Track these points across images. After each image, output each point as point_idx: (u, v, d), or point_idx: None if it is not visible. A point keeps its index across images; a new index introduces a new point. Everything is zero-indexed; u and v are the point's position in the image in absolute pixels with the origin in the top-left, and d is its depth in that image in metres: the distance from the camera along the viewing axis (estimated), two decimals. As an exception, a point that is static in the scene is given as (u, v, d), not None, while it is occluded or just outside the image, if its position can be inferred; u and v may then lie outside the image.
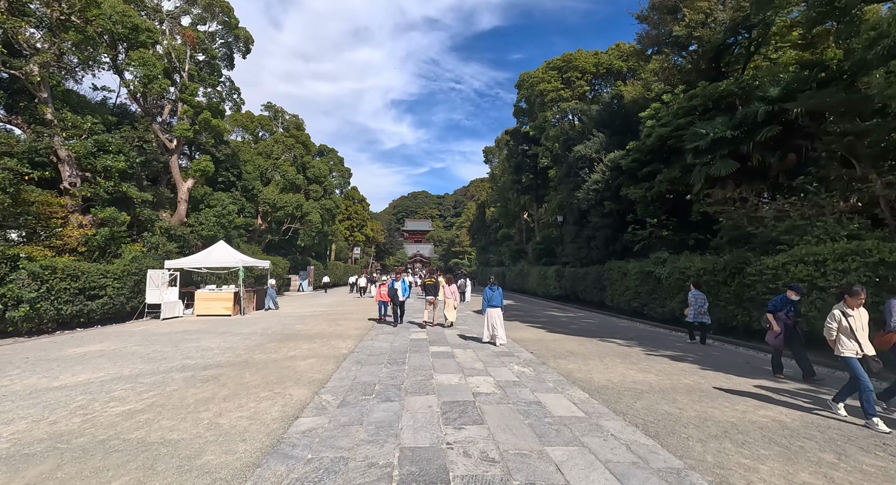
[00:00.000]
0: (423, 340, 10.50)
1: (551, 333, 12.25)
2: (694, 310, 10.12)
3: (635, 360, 8.33)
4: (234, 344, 10.06)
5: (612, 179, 19.31)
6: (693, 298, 10.21)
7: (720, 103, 15.14)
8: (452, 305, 13.03)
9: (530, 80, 29.39)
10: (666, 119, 16.14)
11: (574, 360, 8.28)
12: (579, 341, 10.59)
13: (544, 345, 10.04)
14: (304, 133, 35.91)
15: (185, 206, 19.87)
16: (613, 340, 10.83)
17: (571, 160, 23.39)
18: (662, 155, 16.95)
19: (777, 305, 7.07)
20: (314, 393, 5.92)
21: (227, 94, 24.01)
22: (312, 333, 11.93)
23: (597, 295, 20.09)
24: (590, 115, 24.63)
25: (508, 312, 18.35)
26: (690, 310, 10.18)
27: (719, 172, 13.39)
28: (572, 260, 24.07)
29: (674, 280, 13.66)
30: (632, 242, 17.67)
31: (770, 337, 7.06)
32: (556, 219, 28.35)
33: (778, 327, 6.95)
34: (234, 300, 17.31)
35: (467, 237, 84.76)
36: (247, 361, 8.15)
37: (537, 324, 14.37)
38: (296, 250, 40.89)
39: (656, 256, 14.94)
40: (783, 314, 6.99)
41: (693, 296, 10.25)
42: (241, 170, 26.93)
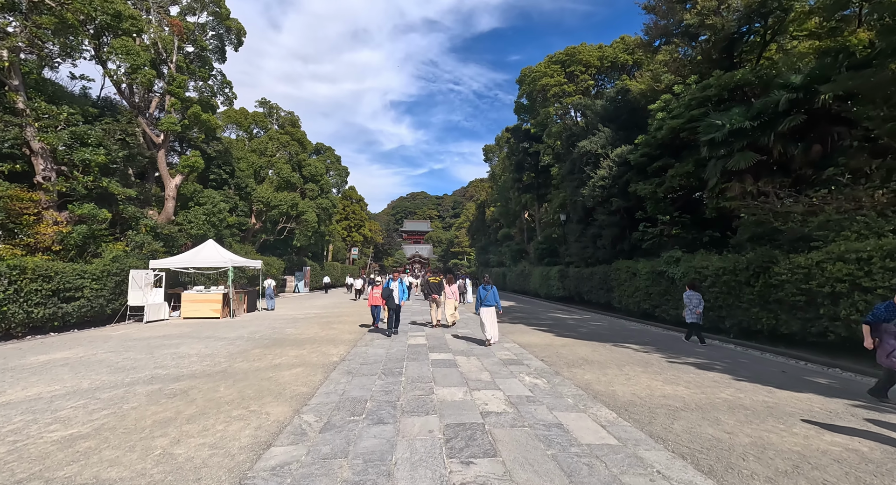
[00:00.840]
0: (423, 345, 9.64)
1: (560, 337, 11.40)
2: (690, 310, 10.27)
3: (658, 369, 7.48)
4: (216, 350, 9.19)
5: (619, 175, 18.49)
6: (688, 299, 10.36)
7: (736, 93, 14.34)
8: (453, 304, 13.02)
9: (532, 75, 28.58)
10: (678, 111, 15.33)
11: (590, 369, 7.43)
12: (592, 347, 9.74)
13: (554, 351, 9.19)
14: (300, 130, 35.00)
15: (173, 203, 18.99)
16: (628, 346, 9.98)
17: (576, 156, 22.58)
18: (674, 149, 16.15)
19: (881, 315, 5.65)
20: (295, 412, 5.06)
21: (218, 88, 23.14)
22: (303, 337, 11.06)
23: (603, 296, 19.25)
24: (594, 109, 23.83)
25: (511, 315, 17.51)
26: (687, 310, 10.36)
27: (738, 165, 12.56)
28: (576, 260, 23.24)
29: (689, 280, 12.81)
30: (641, 240, 16.85)
31: (881, 356, 5.59)
32: (559, 218, 27.53)
33: (871, 343, 5.70)
34: (224, 302, 16.44)
35: (466, 238, 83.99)
36: (225, 370, 7.28)
37: (543, 327, 13.52)
38: (291, 251, 40.01)
39: (669, 255, 14.12)
40: (893, 326, 5.50)
41: (688, 296, 10.40)
42: (233, 167, 26.05)
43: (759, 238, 11.21)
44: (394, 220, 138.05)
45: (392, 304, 11.19)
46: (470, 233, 71.65)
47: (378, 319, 12.21)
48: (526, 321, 15.20)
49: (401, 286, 11.68)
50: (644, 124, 20.99)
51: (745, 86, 14.01)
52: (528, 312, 18.75)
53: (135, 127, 16.54)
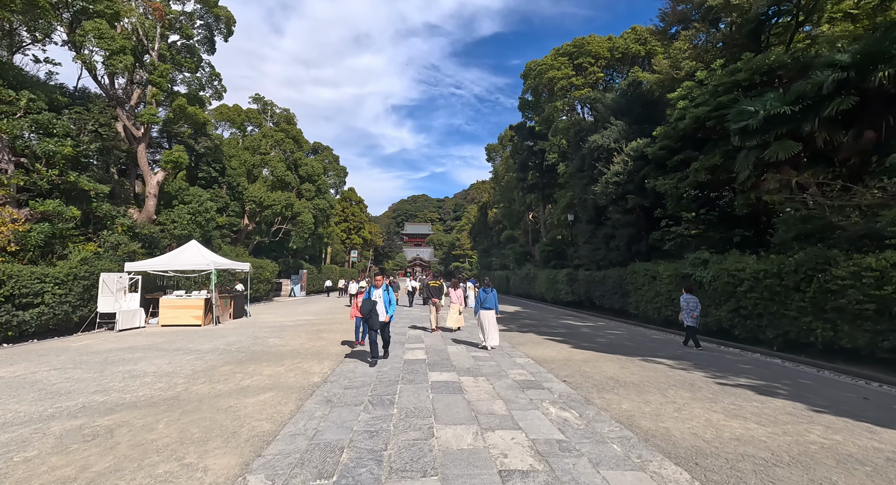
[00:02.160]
0: (421, 361, 8.25)
1: (578, 349, 10.00)
2: (686, 313, 10.15)
3: (709, 393, 6.09)
4: (179, 367, 7.82)
5: (635, 171, 17.13)
6: (685, 302, 10.22)
7: (768, 78, 12.99)
8: (458, 309, 12.56)
9: (538, 69, 27.28)
10: (702, 98, 13.98)
11: (626, 394, 6.04)
12: (618, 363, 8.34)
13: (576, 368, 7.79)
14: (296, 128, 33.72)
15: (155, 201, 17.67)
16: (660, 361, 8.58)
17: (585, 152, 21.23)
18: (697, 140, 14.79)
19: None
20: (243, 467, 3.68)
21: (207, 80, 21.89)
22: (285, 350, 9.67)
23: (618, 301, 17.84)
24: (605, 103, 22.50)
25: (519, 321, 16.11)
26: (684, 314, 10.22)
27: (775, 155, 11.18)
28: (586, 262, 21.84)
29: (721, 285, 11.44)
30: (661, 240, 15.46)
31: None
32: (567, 218, 26.13)
33: None
34: (206, 308, 15.08)
35: (468, 240, 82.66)
36: (178, 397, 5.91)
37: (556, 336, 12.12)
38: (287, 253, 38.67)
39: (695, 257, 12.73)
40: None
41: (685, 300, 10.26)
42: (224, 165, 24.77)
43: (808, 236, 9.82)
44: (395, 223, 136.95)
45: (375, 322, 7.58)
46: (472, 235, 70.28)
47: (361, 337, 9.75)
48: (536, 329, 13.80)
49: (387, 296, 7.96)
50: (659, 118, 19.72)
51: (778, 69, 12.65)
52: (536, 319, 17.34)
53: (109, 117, 15.24)
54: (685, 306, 10.19)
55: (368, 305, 7.53)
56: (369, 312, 7.50)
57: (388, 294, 7.94)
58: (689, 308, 10.12)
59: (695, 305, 10.12)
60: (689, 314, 10.10)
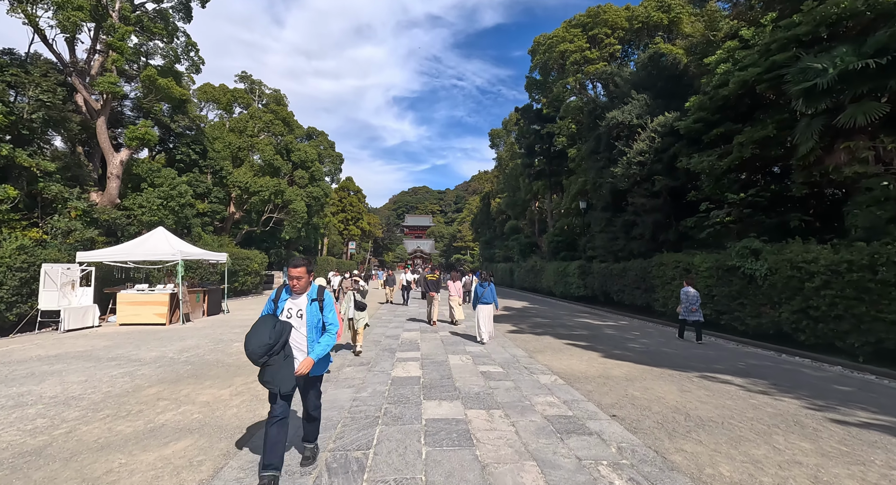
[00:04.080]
0: (414, 381, 6.26)
1: (611, 359, 8.02)
2: (685, 308, 10.02)
3: (838, 443, 4.11)
4: (91, 389, 5.86)
5: (663, 149, 15.03)
6: (685, 296, 10.05)
7: (835, 30, 10.83)
8: (458, 302, 12.38)
9: (547, 43, 24.96)
10: (750, 59, 11.83)
11: (715, 443, 4.05)
12: (673, 381, 6.35)
13: (620, 391, 5.81)
14: (286, 109, 31.45)
15: (118, 183, 15.64)
16: (724, 377, 6.60)
17: (602, 131, 19.08)
18: (740, 111, 12.69)
19: None
20: None
21: (182, 51, 19.73)
22: (245, 360, 7.70)
23: (640, 297, 15.84)
24: (623, 76, 20.30)
25: (530, 320, 14.14)
26: (682, 308, 10.10)
27: (851, 120, 9.10)
28: (602, 254, 19.81)
29: (781, 279, 9.41)
30: (694, 228, 13.42)
31: None
32: (579, 205, 24.05)
33: None
34: (171, 304, 13.13)
35: (469, 232, 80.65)
36: (42, 449, 3.94)
37: (578, 340, 10.14)
38: (280, 244, 36.68)
39: (742, 246, 10.68)
40: None
41: (685, 293, 10.07)
42: (205, 147, 22.66)
43: None
44: (395, 215, 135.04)
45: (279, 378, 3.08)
46: (474, 226, 68.17)
47: None
48: (552, 331, 11.82)
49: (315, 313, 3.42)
50: (684, 93, 17.57)
51: (849, 19, 10.48)
52: (548, 317, 15.35)
53: (54, 83, 13.14)
54: (685, 300, 10.01)
55: (263, 333, 3.08)
56: (265, 353, 3.04)
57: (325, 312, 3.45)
58: (689, 302, 9.95)
59: (695, 299, 9.99)
60: (689, 308, 9.95)
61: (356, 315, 7.81)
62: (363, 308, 7.83)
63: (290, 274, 3.36)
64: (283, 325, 3.20)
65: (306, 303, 3.41)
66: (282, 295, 3.46)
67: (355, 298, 7.73)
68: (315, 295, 3.46)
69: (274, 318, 3.25)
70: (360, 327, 7.92)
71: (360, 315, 7.87)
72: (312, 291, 3.48)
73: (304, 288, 3.42)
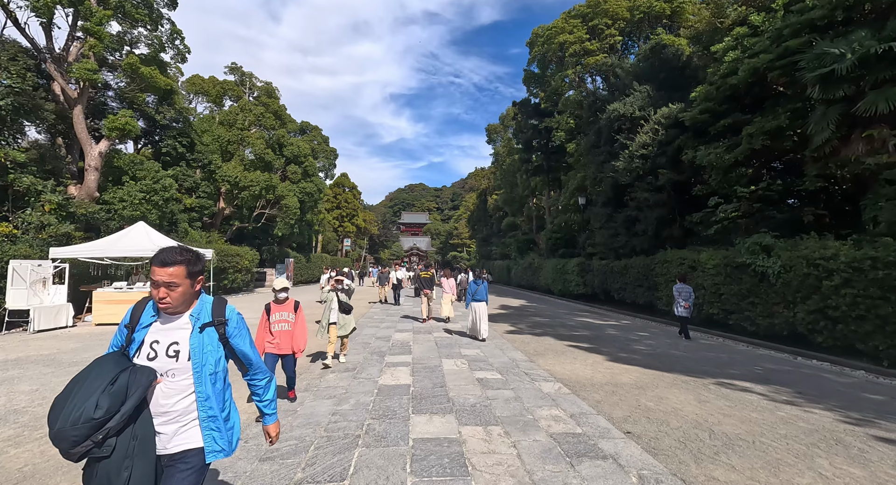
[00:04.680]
0: (403, 389, 5.64)
1: (617, 363, 7.44)
2: (679, 304, 9.94)
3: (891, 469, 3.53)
4: (39, 400, 5.22)
5: (667, 141, 14.44)
6: (678, 292, 9.99)
7: (851, 15, 10.26)
8: (450, 299, 12.36)
9: (546, 34, 24.30)
10: (761, 45, 11.25)
11: (750, 470, 3.47)
12: (689, 390, 5.78)
13: (632, 401, 5.23)
14: (277, 102, 30.61)
15: (97, 176, 14.88)
16: (743, 385, 6.03)
17: (603, 124, 18.47)
18: (749, 101, 12.13)
19: None
20: None
21: (167, 39, 18.93)
22: (220, 365, 7.07)
23: (642, 295, 15.29)
24: (625, 68, 19.70)
25: (529, 319, 13.58)
26: (676, 304, 10.02)
27: (872, 108, 8.55)
28: (602, 251, 19.25)
29: (796, 277, 8.86)
30: (700, 223, 12.88)
31: None
32: (577, 201, 23.47)
33: None
34: (151, 303, 12.45)
35: (466, 229, 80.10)
36: (-40, 476, 3.30)
37: (581, 342, 9.56)
38: (272, 241, 35.94)
39: (753, 242, 10.12)
40: None
41: (678, 289, 10.01)
42: (192, 139, 21.87)
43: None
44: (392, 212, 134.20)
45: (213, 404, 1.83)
46: (470, 223, 67.57)
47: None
48: (552, 331, 11.24)
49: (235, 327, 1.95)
50: (687, 85, 17.04)
51: (868, 1, 9.91)
52: (548, 316, 14.78)
53: (22, 67, 12.37)
54: (678, 296, 9.95)
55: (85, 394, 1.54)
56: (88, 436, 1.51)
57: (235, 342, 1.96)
58: (682, 297, 9.88)
59: (688, 294, 9.92)
60: (681, 304, 9.88)
61: (340, 319, 6.85)
62: (349, 311, 6.87)
63: (156, 278, 1.73)
64: (133, 376, 1.63)
65: (190, 331, 1.82)
66: (141, 316, 1.83)
67: (339, 299, 6.79)
68: (210, 316, 1.87)
69: (118, 360, 1.70)
70: (347, 333, 7.01)
71: (346, 319, 6.90)
72: (202, 308, 1.87)
73: (180, 303, 1.79)
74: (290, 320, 4.83)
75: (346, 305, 6.82)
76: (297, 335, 4.84)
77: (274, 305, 4.86)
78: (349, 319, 6.97)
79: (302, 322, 4.95)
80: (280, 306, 4.86)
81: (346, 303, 6.84)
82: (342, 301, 6.79)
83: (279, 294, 4.85)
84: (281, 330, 4.78)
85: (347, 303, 6.87)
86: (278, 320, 4.80)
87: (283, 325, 4.79)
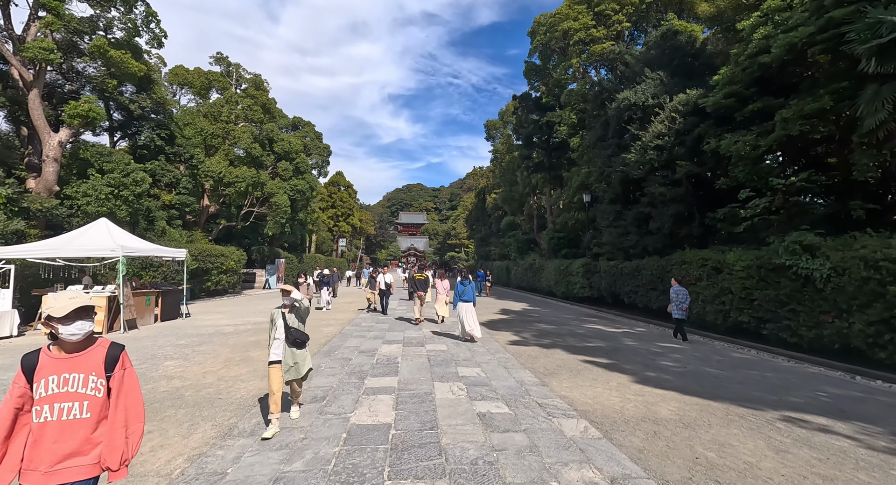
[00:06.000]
0: (382, 431, 4.29)
1: (646, 385, 6.11)
2: (676, 306, 9.88)
3: None
4: None
5: (686, 130, 13.14)
6: (675, 294, 9.91)
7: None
8: (444, 300, 12.31)
9: (549, 22, 22.99)
10: (799, 18, 9.95)
11: None
12: (753, 429, 4.45)
13: (686, 451, 3.90)
14: (266, 94, 29.15)
15: (56, 168, 13.47)
16: (824, 424, 4.72)
17: (612, 114, 17.18)
18: (781, 84, 10.82)
19: None
20: None
21: (142, 22, 17.53)
22: (164, 390, 5.72)
23: (656, 299, 13.98)
24: (634, 55, 18.41)
25: (534, 327, 12.24)
26: (673, 306, 9.95)
27: (942, 82, 7.25)
28: (610, 251, 17.93)
29: (851, 281, 7.56)
30: (724, 220, 11.57)
31: None
32: (582, 199, 22.16)
33: None
34: (110, 309, 11.09)
35: (464, 229, 78.77)
36: None
37: (597, 356, 8.23)
38: (263, 240, 34.56)
39: (793, 241, 8.82)
40: None
41: (675, 292, 9.94)
42: (172, 131, 20.48)
43: None
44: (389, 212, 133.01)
45: None
46: (468, 223, 66.25)
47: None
48: (562, 341, 9.91)
49: None
50: (701, 72, 15.80)
51: (927, -36, 8.62)
52: (554, 322, 13.46)
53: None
54: (675, 298, 9.91)
55: None
56: None
57: None
58: (679, 300, 9.87)
59: (684, 297, 9.88)
60: (679, 306, 9.87)
61: (288, 356, 4.37)
62: (302, 342, 4.48)
63: None
64: None
65: None
66: None
67: (287, 324, 4.42)
68: None
69: None
70: (299, 376, 4.44)
71: (297, 356, 4.42)
72: None
73: None
74: (88, 397, 1.99)
75: (298, 334, 4.45)
76: (111, 434, 2.02)
77: (50, 358, 1.99)
78: (302, 356, 4.47)
79: (129, 396, 2.10)
80: (66, 360, 2.00)
81: (298, 330, 4.47)
82: (291, 327, 4.43)
83: (62, 330, 1.96)
84: (61, 421, 1.94)
85: (299, 330, 4.49)
86: (57, 397, 1.94)
87: (72, 407, 1.96)
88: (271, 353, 4.41)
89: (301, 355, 4.46)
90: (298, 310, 4.53)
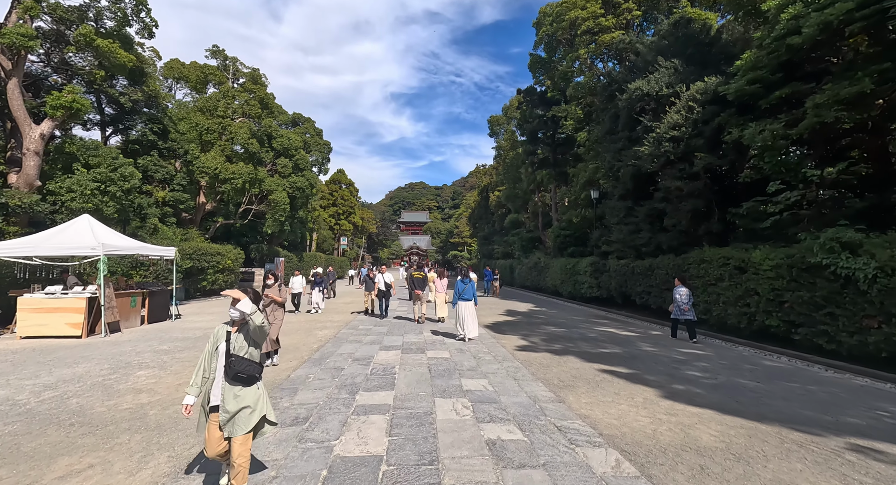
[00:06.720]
0: (369, 468, 3.54)
1: (677, 401, 5.34)
2: (678, 307, 9.88)
3: None
4: None
5: (704, 120, 12.32)
6: (678, 295, 9.91)
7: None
8: (444, 299, 12.29)
9: (555, 12, 22.16)
10: (833, -6, 9.12)
11: None
12: (818, 464, 3.69)
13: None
14: (264, 89, 28.43)
15: (38, 162, 12.79)
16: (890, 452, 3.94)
17: (623, 106, 16.36)
18: (809, 69, 10.00)
19: None
20: None
21: (132, 11, 16.82)
22: (127, 407, 5.01)
23: (671, 300, 13.15)
24: (645, 44, 17.57)
25: (542, 330, 11.48)
26: (675, 307, 9.97)
27: None
28: (620, 249, 17.11)
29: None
30: (747, 215, 10.76)
31: None
32: (590, 195, 21.38)
33: None
34: (89, 311, 10.39)
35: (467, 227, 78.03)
36: None
37: (615, 364, 7.46)
38: (262, 239, 33.99)
39: (829, 238, 8.00)
40: None
41: (678, 292, 9.93)
42: (165, 126, 19.79)
43: None
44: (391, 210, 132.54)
45: None
46: (471, 221, 65.46)
47: None
48: (574, 347, 9.14)
49: None
50: (717, 63, 14.94)
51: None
52: (563, 325, 12.69)
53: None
54: (678, 300, 9.92)
55: None
56: None
57: None
58: (682, 301, 9.86)
59: (687, 298, 9.87)
60: (680, 308, 9.86)
61: (230, 398, 2.86)
62: (251, 378, 2.93)
63: None
64: None
65: None
66: None
67: (229, 351, 2.94)
68: None
69: None
70: (246, 431, 2.85)
71: (243, 396, 2.90)
72: None
73: None
74: None
75: (242, 366, 2.89)
76: None
77: None
78: (249, 398, 2.91)
79: None
80: None
81: (243, 359, 2.93)
82: (233, 355, 2.92)
83: None
84: None
85: (246, 360, 2.94)
86: None
87: None
88: (211, 394, 2.95)
89: (247, 398, 2.88)
90: (248, 329, 2.99)
